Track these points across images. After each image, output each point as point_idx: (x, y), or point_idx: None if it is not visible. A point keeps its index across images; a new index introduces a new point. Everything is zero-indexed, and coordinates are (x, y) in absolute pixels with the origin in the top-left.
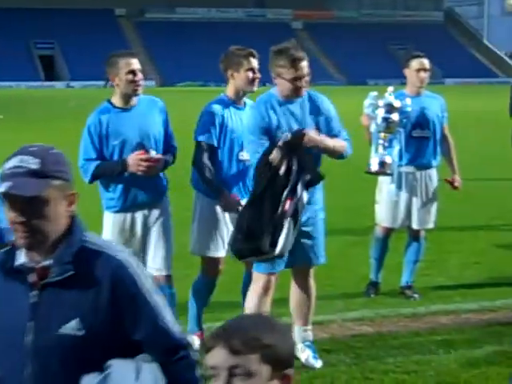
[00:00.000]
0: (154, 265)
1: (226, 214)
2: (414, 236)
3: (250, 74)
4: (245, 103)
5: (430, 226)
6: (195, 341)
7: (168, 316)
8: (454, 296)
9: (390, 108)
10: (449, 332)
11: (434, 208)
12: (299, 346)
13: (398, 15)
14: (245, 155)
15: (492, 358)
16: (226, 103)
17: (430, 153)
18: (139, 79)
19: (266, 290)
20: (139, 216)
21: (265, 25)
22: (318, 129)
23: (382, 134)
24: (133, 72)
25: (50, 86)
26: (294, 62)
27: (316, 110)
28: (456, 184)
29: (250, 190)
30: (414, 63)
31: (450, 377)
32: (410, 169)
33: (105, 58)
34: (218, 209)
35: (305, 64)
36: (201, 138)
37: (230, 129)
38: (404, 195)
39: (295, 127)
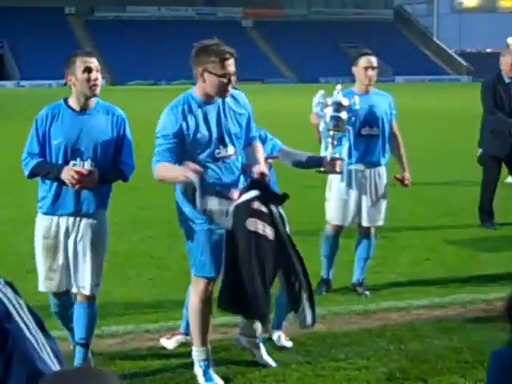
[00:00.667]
0: (76, 282)
1: None
2: (365, 233)
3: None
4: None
5: (380, 223)
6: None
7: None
8: (405, 292)
9: (338, 106)
10: (400, 328)
11: (383, 205)
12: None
13: (348, 13)
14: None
15: (442, 353)
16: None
17: (378, 150)
18: (95, 78)
19: (206, 293)
20: (63, 223)
21: (215, 23)
22: (241, 128)
23: (331, 133)
24: (89, 70)
25: (0, 85)
26: (225, 59)
27: (239, 108)
28: (406, 182)
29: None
30: (362, 61)
31: (400, 373)
32: (360, 167)
33: (55, 56)
34: None
35: (233, 61)
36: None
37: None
38: (354, 193)
39: (215, 131)
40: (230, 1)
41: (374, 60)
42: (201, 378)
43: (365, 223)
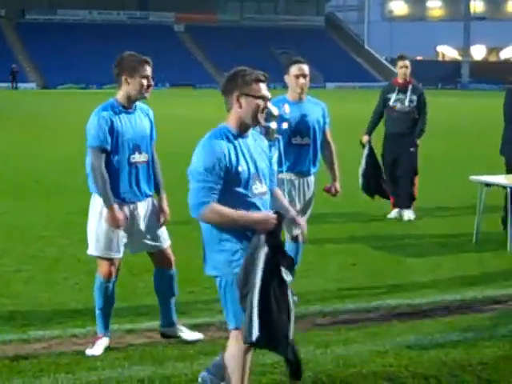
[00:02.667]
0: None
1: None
2: (293, 239)
3: (145, 82)
4: (135, 107)
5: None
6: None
7: None
8: (332, 297)
9: (268, 116)
10: (326, 333)
11: (307, 215)
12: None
13: (280, 19)
14: (136, 158)
15: (368, 357)
16: (116, 108)
17: (309, 160)
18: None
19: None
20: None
21: (147, 27)
22: (267, 166)
23: None
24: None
25: None
26: (260, 80)
27: (264, 146)
28: (335, 192)
29: (142, 191)
30: (293, 69)
31: (326, 377)
32: (290, 176)
33: None
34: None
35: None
36: (94, 144)
37: (120, 133)
38: None
39: (252, 165)
40: (162, 5)
41: (305, 68)
42: None
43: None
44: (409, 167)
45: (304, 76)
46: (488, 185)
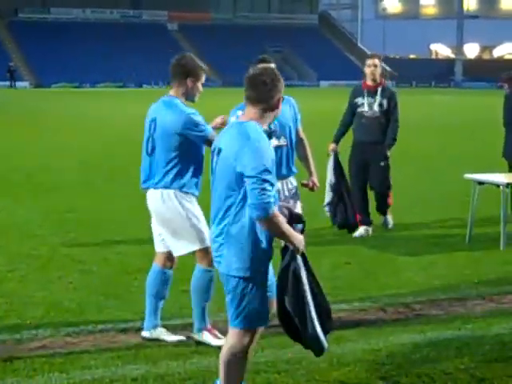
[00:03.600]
0: None
1: None
2: None
3: (201, 88)
4: None
5: None
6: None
7: None
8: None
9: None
10: None
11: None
12: None
13: (273, 18)
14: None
15: (361, 355)
16: None
17: (288, 161)
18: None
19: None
20: None
21: (140, 26)
22: None
23: None
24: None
25: None
26: None
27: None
28: (313, 187)
29: None
30: None
31: (320, 375)
32: None
33: None
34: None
35: None
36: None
37: None
38: None
39: None
40: (155, 4)
41: None
42: None
43: None
44: (380, 183)
45: None
46: (481, 183)
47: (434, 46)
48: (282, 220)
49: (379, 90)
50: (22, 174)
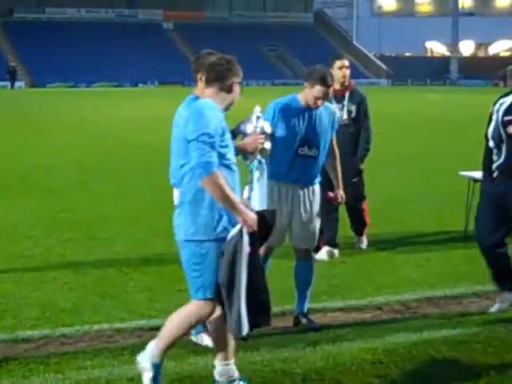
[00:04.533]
0: None
1: None
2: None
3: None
4: None
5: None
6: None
7: None
8: (322, 295)
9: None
10: (316, 330)
11: (314, 226)
12: None
13: (268, 16)
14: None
15: (357, 354)
16: None
17: (316, 171)
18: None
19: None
20: None
21: (136, 25)
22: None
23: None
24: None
25: None
26: None
27: None
28: (339, 200)
29: None
30: (318, 87)
31: (316, 374)
32: (294, 187)
33: None
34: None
35: None
36: None
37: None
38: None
39: None
40: (150, 3)
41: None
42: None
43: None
44: (353, 198)
45: (325, 99)
46: (477, 180)
47: (430, 44)
48: (225, 184)
49: (347, 94)
50: (17, 175)
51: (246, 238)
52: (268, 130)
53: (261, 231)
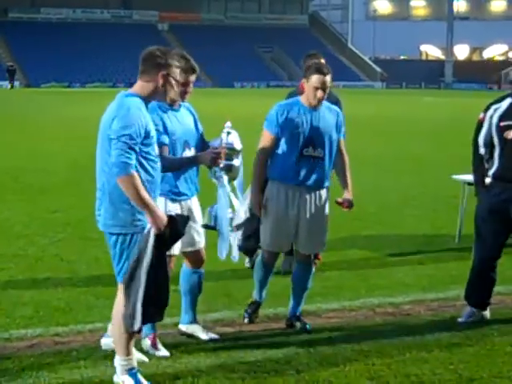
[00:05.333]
0: None
1: None
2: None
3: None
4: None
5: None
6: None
7: None
8: (316, 296)
9: (230, 152)
10: (309, 332)
11: (321, 233)
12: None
13: (263, 18)
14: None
15: (350, 356)
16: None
17: (323, 174)
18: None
19: None
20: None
21: (131, 26)
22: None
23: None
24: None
25: None
26: None
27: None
28: (347, 206)
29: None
30: (314, 80)
31: (309, 375)
32: (300, 189)
33: None
34: None
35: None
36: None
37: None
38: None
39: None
40: (145, 4)
41: (328, 80)
42: None
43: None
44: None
45: (324, 89)
46: (470, 184)
47: (424, 47)
48: (139, 185)
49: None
50: (8, 175)
51: (151, 239)
52: (238, 146)
53: (170, 234)
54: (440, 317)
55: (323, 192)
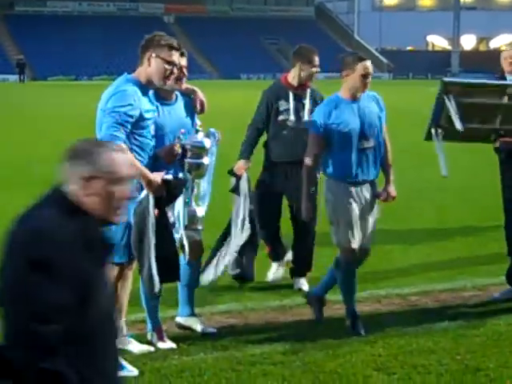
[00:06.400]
0: None
1: None
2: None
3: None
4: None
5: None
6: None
7: None
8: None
9: (199, 150)
10: (315, 323)
11: (371, 223)
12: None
13: (269, 10)
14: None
15: (356, 346)
16: None
17: (375, 164)
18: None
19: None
20: None
21: (137, 19)
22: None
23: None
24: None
25: None
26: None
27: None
28: (386, 197)
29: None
30: (360, 67)
31: (316, 366)
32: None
33: None
34: None
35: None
36: None
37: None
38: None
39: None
40: None
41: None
42: None
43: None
44: (307, 215)
45: (369, 75)
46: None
47: (431, 38)
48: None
49: (308, 92)
50: (15, 167)
51: (152, 201)
52: (207, 145)
53: (167, 196)
54: (447, 307)
55: (375, 182)
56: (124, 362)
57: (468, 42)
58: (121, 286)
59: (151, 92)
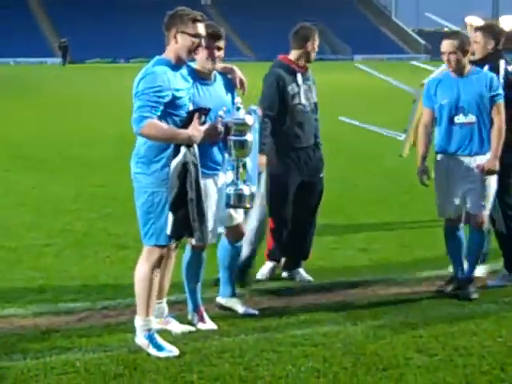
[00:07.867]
0: None
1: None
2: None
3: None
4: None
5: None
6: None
7: None
8: (363, 269)
9: (241, 127)
10: (356, 304)
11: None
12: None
13: None
14: None
15: (397, 328)
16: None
17: (477, 141)
18: None
19: (160, 262)
20: None
21: (174, 1)
22: None
23: (235, 159)
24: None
25: None
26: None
27: None
28: (481, 170)
29: None
30: (441, 45)
31: (356, 348)
32: (453, 158)
33: (13, 34)
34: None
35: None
36: None
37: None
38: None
39: None
40: None
41: (450, 44)
42: (152, 350)
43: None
44: (315, 202)
45: (450, 53)
46: None
47: (469, 19)
48: (161, 125)
49: (309, 72)
50: (54, 150)
51: (196, 151)
52: (250, 121)
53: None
54: (488, 290)
55: (480, 158)
56: (165, 343)
57: (507, 22)
58: (163, 266)
59: (185, 71)
